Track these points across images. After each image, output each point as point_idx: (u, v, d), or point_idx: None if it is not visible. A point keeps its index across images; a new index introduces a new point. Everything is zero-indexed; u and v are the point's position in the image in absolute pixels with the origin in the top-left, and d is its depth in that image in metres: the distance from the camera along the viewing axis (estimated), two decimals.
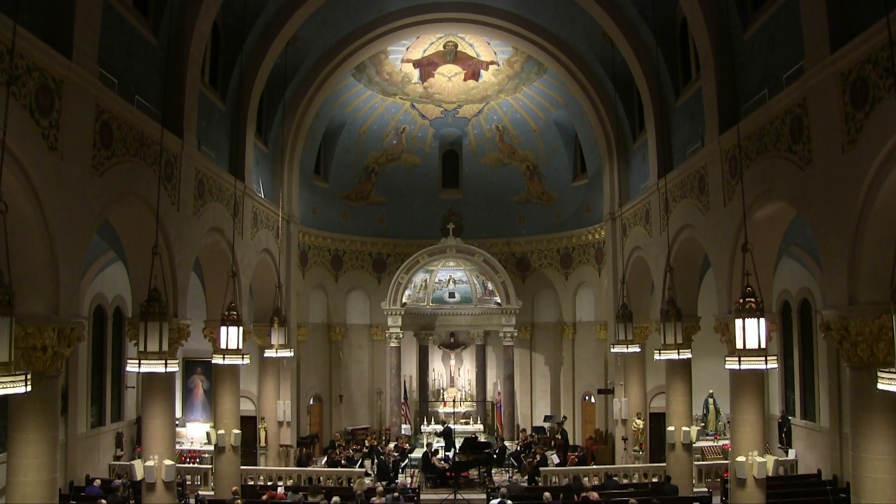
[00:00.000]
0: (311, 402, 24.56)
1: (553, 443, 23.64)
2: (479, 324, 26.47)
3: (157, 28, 13.40)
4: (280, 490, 16.09)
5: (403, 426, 24.83)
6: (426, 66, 23.90)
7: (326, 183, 26.01)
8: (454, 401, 26.33)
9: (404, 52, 23.08)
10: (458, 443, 21.53)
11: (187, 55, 14.25)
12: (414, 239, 26.46)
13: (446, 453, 21.74)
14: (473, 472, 20.59)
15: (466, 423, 25.24)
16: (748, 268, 9.88)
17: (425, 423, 25.43)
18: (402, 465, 21.45)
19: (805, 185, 10.72)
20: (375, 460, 21.16)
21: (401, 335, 25.04)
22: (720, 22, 13.96)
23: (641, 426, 20.77)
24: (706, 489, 17.40)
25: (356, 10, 20.10)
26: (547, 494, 14.38)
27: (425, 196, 27.51)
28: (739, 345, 9.70)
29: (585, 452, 22.40)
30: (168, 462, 12.99)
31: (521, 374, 26.47)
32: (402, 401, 25.12)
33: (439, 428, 24.29)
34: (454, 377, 27.13)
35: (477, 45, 22.85)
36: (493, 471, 20.92)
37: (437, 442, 23.40)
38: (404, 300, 25.07)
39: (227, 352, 13.70)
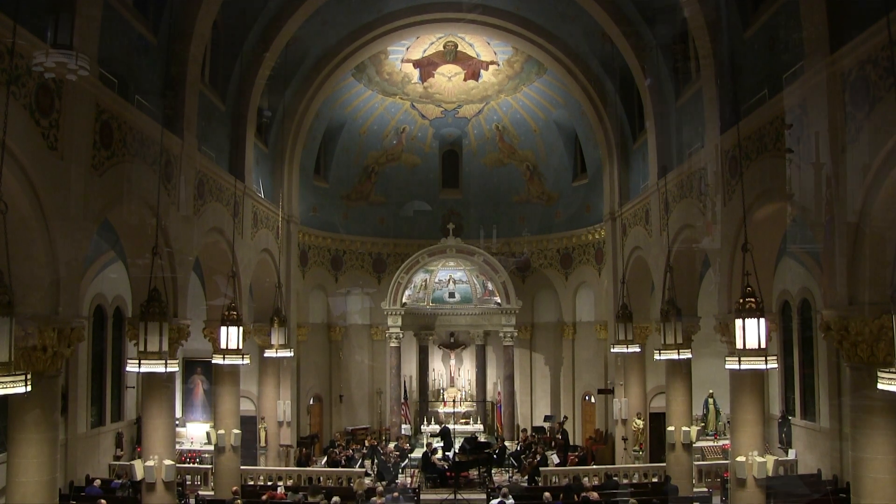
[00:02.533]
0: (311, 402, 24.54)
1: (553, 443, 23.63)
2: (479, 324, 26.46)
3: (157, 28, 13.41)
4: (280, 490, 16.10)
5: (403, 426, 24.82)
6: (426, 66, 23.89)
7: (326, 183, 26.00)
8: (454, 401, 26.31)
9: (404, 53, 23.07)
10: (458, 443, 21.53)
11: (187, 55, 14.24)
12: (414, 239, 26.46)
13: (446, 453, 21.73)
14: (473, 472, 20.59)
15: (466, 423, 25.21)
16: (748, 268, 9.88)
17: (425, 423, 25.42)
18: (402, 465, 21.44)
19: (805, 186, 10.71)
20: (375, 460, 21.15)
21: (401, 335, 25.03)
22: (720, 22, 13.96)
23: (641, 426, 20.77)
24: (706, 489, 17.40)
25: (356, 10, 20.09)
26: (547, 494, 14.39)
27: (425, 196, 27.46)
28: (739, 345, 9.71)
29: (585, 452, 22.38)
30: (168, 462, 13.01)
31: (521, 374, 26.46)
32: (402, 401, 25.12)
33: (440, 428, 24.28)
34: (454, 377, 27.11)
35: (477, 45, 22.84)
36: (493, 471, 20.91)
37: (437, 442, 23.39)
38: (404, 300, 25.06)
39: (227, 352, 13.72)
